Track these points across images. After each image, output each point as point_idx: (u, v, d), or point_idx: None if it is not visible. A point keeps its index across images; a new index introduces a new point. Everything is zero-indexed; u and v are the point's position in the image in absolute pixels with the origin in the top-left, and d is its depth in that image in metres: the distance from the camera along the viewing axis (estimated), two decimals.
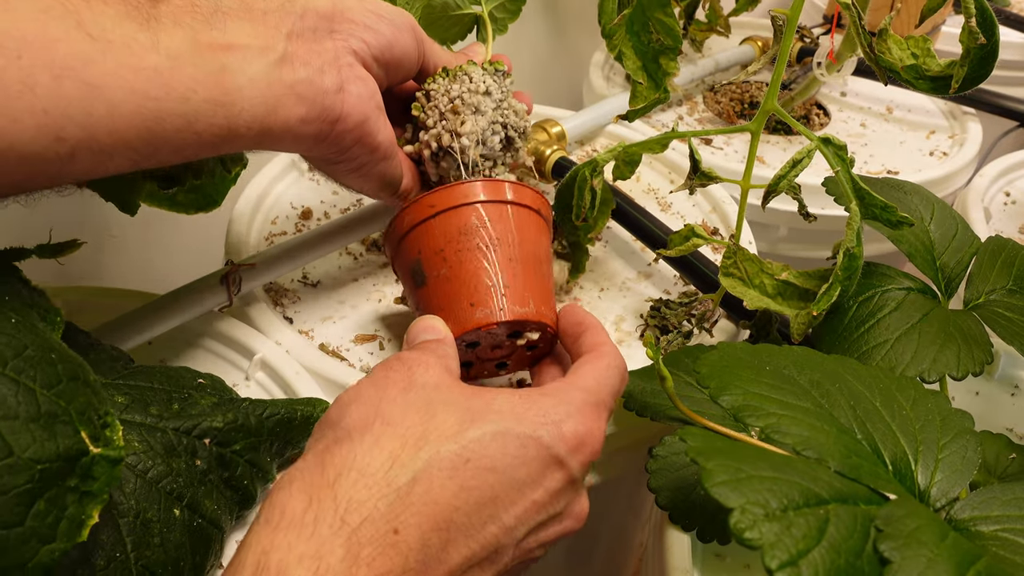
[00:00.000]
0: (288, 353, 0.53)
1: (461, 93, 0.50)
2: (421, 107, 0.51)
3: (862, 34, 0.49)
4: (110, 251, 0.72)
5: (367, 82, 0.45)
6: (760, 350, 0.42)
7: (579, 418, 0.37)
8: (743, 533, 0.30)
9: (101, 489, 0.32)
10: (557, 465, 0.36)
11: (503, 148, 0.52)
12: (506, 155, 0.53)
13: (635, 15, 0.52)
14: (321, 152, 0.45)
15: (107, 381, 0.42)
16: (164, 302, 0.52)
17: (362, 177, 0.48)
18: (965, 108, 0.90)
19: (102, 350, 0.44)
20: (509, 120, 0.52)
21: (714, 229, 0.69)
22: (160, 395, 0.43)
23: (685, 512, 0.43)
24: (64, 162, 0.33)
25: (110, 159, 0.35)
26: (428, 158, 0.51)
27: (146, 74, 0.34)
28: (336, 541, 0.31)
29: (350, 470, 0.33)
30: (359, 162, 0.46)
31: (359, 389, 0.37)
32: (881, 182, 0.58)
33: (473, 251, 0.45)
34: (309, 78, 0.41)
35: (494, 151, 0.52)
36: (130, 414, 0.40)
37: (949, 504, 0.36)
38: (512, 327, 0.45)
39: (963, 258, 0.53)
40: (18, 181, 0.33)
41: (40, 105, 0.31)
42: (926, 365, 0.46)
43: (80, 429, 0.32)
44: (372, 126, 0.45)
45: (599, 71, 0.95)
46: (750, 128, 0.52)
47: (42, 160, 0.32)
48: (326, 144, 0.44)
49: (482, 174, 0.51)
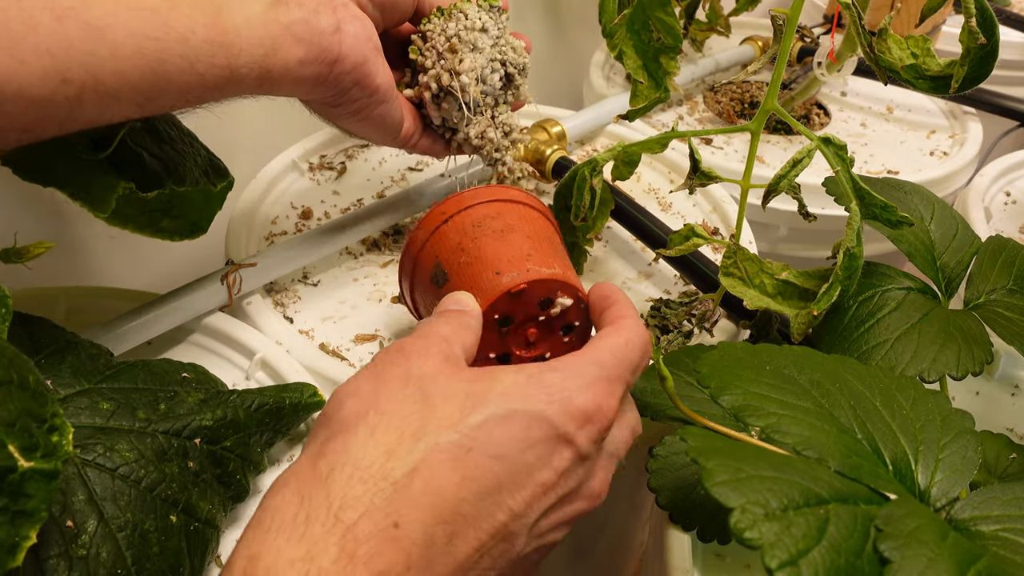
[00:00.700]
0: (288, 353, 0.53)
1: (458, 31, 0.49)
2: (418, 49, 0.50)
3: (862, 34, 0.49)
4: (110, 251, 0.72)
5: (364, 22, 0.44)
6: (760, 350, 0.42)
7: (588, 394, 0.35)
8: (743, 533, 0.30)
9: (37, 508, 0.29)
10: (565, 443, 0.34)
11: (503, 86, 0.52)
12: (507, 93, 0.53)
13: (636, 14, 0.52)
14: (320, 95, 0.45)
15: (90, 386, 0.41)
16: (164, 302, 0.52)
17: (361, 121, 0.48)
18: (965, 108, 0.90)
19: (81, 348, 0.44)
20: (508, 56, 0.51)
21: (714, 229, 0.69)
22: (146, 396, 0.42)
23: (685, 512, 0.43)
24: (72, 105, 0.34)
25: (116, 102, 0.35)
26: (429, 100, 0.50)
27: (144, 14, 0.35)
28: (329, 540, 0.29)
29: (344, 464, 0.31)
30: (358, 105, 0.46)
31: (356, 382, 0.35)
32: (881, 182, 0.58)
33: (490, 235, 0.44)
34: (305, 18, 0.41)
35: (494, 89, 0.51)
36: (117, 421, 0.40)
37: (949, 504, 0.36)
38: (542, 290, 0.43)
39: (963, 258, 0.53)
40: (28, 124, 0.34)
41: (44, 46, 0.32)
42: (926, 365, 0.46)
43: (7, 442, 0.29)
44: (370, 67, 0.45)
45: (599, 71, 0.95)
46: (750, 128, 0.52)
47: (51, 103, 0.33)
48: (325, 86, 0.44)
49: (484, 113, 0.50)
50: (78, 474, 0.37)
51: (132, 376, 0.43)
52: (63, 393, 0.40)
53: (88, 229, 0.71)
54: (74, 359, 0.42)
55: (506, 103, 0.53)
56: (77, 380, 0.41)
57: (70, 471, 0.37)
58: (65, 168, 0.42)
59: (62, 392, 0.40)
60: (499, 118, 0.54)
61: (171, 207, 0.53)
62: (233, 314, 0.56)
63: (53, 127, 0.35)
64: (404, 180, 0.73)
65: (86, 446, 0.38)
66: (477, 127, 0.53)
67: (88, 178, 0.42)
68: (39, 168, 0.41)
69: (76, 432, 0.39)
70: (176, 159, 0.47)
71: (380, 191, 0.72)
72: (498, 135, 0.54)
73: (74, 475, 0.37)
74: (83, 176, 0.42)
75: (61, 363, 0.42)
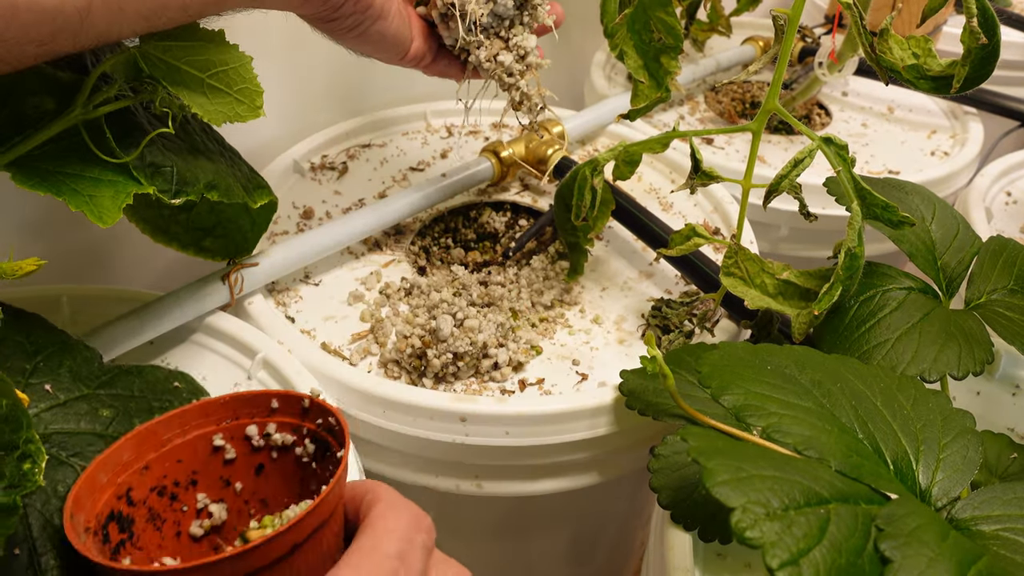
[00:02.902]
0: (290, 352, 0.53)
1: None
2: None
3: (863, 34, 0.49)
4: (110, 251, 0.72)
5: None
6: (761, 350, 0.42)
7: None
8: (744, 532, 0.30)
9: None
10: None
11: (518, 6, 0.50)
12: (523, 14, 0.51)
13: (637, 14, 0.52)
14: (311, 10, 0.45)
15: (89, 392, 0.41)
16: (165, 302, 0.52)
17: (359, 38, 0.48)
18: (966, 108, 0.90)
19: (76, 351, 0.44)
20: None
21: (715, 229, 0.69)
22: (141, 404, 0.42)
23: (687, 511, 0.43)
24: (82, 16, 0.35)
25: (123, 15, 0.37)
26: (438, 19, 0.48)
27: None
28: None
29: None
30: (352, 21, 0.46)
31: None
32: (882, 182, 0.58)
33: None
34: None
35: (507, 9, 0.49)
36: (116, 429, 0.40)
37: (950, 504, 0.36)
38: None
39: (964, 258, 0.53)
40: (43, 37, 0.35)
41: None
42: (927, 365, 0.46)
43: None
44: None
45: (601, 71, 0.95)
46: (751, 128, 0.52)
47: (61, 14, 0.34)
48: (315, 2, 0.44)
49: (495, 35, 0.48)
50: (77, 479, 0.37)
51: (127, 383, 0.43)
52: (63, 398, 0.40)
53: (91, 230, 0.71)
54: (71, 362, 0.42)
55: (523, 24, 0.51)
56: (76, 385, 0.41)
57: (70, 477, 0.37)
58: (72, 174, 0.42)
59: (62, 397, 0.40)
60: (513, 40, 0.51)
61: (214, 227, 0.53)
62: (235, 314, 0.56)
63: (67, 40, 0.36)
64: (405, 180, 0.73)
65: (85, 453, 0.38)
66: (489, 49, 0.51)
67: (97, 187, 0.42)
68: (39, 175, 0.41)
69: (76, 438, 0.39)
70: (211, 169, 0.47)
71: (381, 191, 0.72)
72: (510, 59, 0.51)
73: (74, 480, 0.37)
74: (92, 185, 0.42)
75: (60, 367, 0.42)
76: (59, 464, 0.37)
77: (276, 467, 0.40)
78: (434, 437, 0.52)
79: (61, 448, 0.38)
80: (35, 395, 0.40)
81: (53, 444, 0.38)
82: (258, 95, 0.45)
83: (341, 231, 0.61)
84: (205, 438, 0.39)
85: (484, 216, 0.70)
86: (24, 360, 0.41)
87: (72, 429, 0.39)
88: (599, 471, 0.56)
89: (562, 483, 0.55)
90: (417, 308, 0.58)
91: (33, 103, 0.42)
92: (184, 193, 0.44)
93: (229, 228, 0.54)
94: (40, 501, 0.35)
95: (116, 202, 0.41)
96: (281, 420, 0.40)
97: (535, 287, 0.61)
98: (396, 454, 0.54)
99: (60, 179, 0.41)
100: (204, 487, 0.39)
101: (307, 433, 0.40)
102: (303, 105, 0.78)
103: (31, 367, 0.41)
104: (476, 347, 0.53)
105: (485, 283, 0.61)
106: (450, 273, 0.62)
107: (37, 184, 0.40)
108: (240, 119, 0.44)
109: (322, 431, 0.39)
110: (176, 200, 0.43)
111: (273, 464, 0.40)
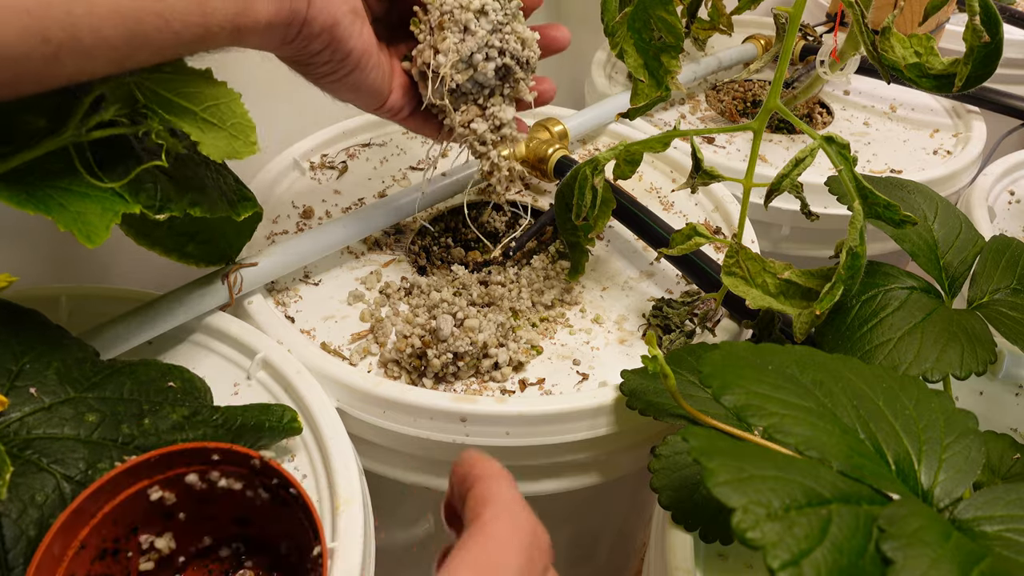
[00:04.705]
0: (290, 352, 0.53)
1: (452, 7, 0.47)
2: (418, 21, 0.48)
3: (865, 32, 0.48)
4: (110, 251, 0.72)
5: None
6: (763, 349, 0.42)
7: None
8: (745, 533, 0.30)
9: None
10: None
11: (500, 77, 0.49)
12: (504, 86, 0.50)
13: (637, 13, 0.51)
14: (288, 54, 0.45)
15: (76, 395, 0.41)
16: (165, 302, 0.52)
17: (334, 84, 0.48)
18: (969, 107, 0.90)
19: (68, 351, 0.43)
20: (509, 46, 0.48)
21: (716, 228, 0.69)
22: (131, 408, 0.42)
23: (688, 512, 0.43)
24: (50, 63, 0.34)
25: (93, 60, 0.36)
26: (417, 77, 0.48)
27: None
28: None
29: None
30: (328, 68, 0.46)
31: None
32: (884, 181, 0.58)
33: None
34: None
35: (487, 79, 0.48)
36: (101, 434, 0.39)
37: (952, 504, 0.36)
38: None
39: (967, 257, 0.53)
40: (7, 80, 0.34)
41: (23, 5, 0.32)
42: (929, 364, 0.46)
43: None
44: (343, 32, 0.44)
45: (601, 70, 0.94)
46: (752, 127, 0.52)
47: (28, 60, 0.33)
48: (292, 47, 0.44)
49: (473, 102, 0.47)
50: (56, 488, 0.37)
51: (118, 385, 0.43)
52: (48, 401, 0.40)
53: None
54: (60, 364, 0.42)
55: (502, 95, 0.50)
56: (63, 387, 0.41)
57: (49, 485, 0.36)
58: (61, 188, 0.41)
59: (47, 400, 0.40)
60: (490, 109, 0.51)
61: (197, 232, 0.53)
62: (234, 314, 0.56)
63: (31, 83, 0.35)
64: (405, 179, 0.73)
65: (66, 460, 0.38)
66: (464, 115, 0.50)
67: (84, 204, 0.41)
68: (26, 191, 0.40)
69: (58, 443, 0.38)
70: (196, 184, 0.46)
71: (382, 190, 0.71)
72: (484, 127, 0.51)
73: (53, 489, 0.36)
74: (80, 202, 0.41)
75: (47, 368, 0.41)
76: (38, 471, 0.36)
77: (223, 492, 0.40)
78: (434, 437, 0.51)
79: (42, 454, 0.37)
80: (19, 398, 0.39)
81: (34, 450, 0.37)
82: (251, 130, 0.45)
83: (341, 231, 0.61)
84: (139, 494, 0.38)
85: (484, 216, 0.70)
86: (11, 361, 0.41)
87: (55, 434, 0.38)
88: (600, 471, 0.55)
89: (563, 483, 0.55)
90: (417, 308, 0.58)
91: (24, 120, 0.41)
92: (168, 209, 0.43)
93: (213, 235, 0.53)
94: (16, 511, 0.35)
95: (104, 220, 0.41)
96: (226, 469, 0.39)
97: (535, 287, 0.61)
98: (396, 454, 0.54)
99: (48, 194, 0.40)
100: (145, 530, 0.39)
101: (260, 484, 0.39)
102: (303, 104, 0.78)
103: (17, 368, 0.40)
104: (476, 347, 0.53)
105: (485, 283, 0.61)
106: (450, 273, 0.62)
107: (24, 201, 0.39)
108: (237, 156, 0.44)
109: (282, 491, 0.38)
110: (160, 216, 0.43)
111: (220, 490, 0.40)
